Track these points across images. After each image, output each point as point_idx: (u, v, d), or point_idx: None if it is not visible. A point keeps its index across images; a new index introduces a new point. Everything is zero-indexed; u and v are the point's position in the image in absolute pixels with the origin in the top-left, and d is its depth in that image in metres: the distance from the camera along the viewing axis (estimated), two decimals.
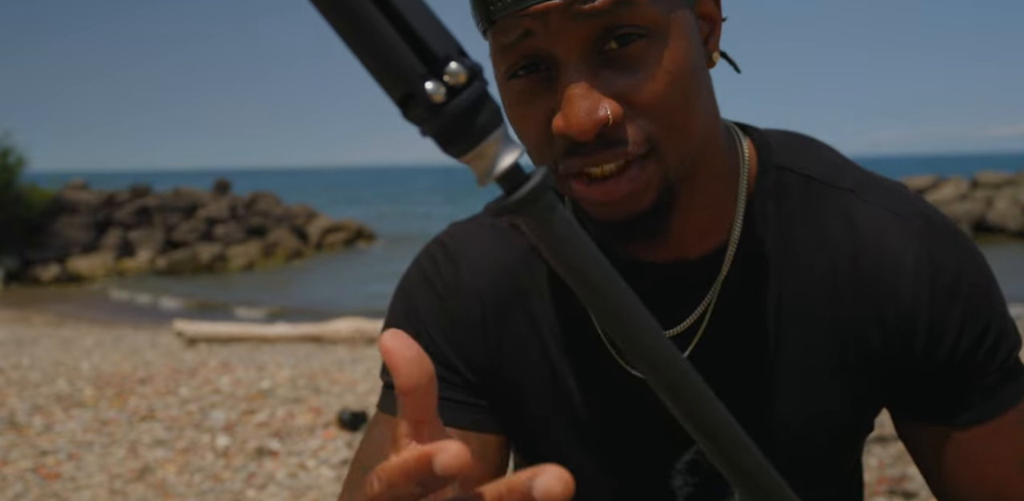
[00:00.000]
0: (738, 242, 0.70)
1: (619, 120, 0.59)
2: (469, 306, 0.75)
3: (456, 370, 0.75)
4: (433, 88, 0.31)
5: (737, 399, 0.72)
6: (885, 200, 0.71)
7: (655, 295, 0.72)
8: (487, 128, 0.32)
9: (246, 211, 18.07)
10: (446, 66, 0.31)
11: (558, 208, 0.33)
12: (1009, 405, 0.70)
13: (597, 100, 0.58)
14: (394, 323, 0.78)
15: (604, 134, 0.59)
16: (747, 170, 0.72)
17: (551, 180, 0.33)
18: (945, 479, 0.73)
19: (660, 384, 0.36)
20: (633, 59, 0.59)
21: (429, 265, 0.78)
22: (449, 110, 0.31)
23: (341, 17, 0.31)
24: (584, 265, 0.33)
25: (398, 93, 0.32)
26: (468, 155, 0.32)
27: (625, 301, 0.34)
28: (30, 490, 3.41)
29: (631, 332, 0.35)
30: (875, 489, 3.14)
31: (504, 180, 0.33)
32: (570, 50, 0.58)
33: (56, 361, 5.81)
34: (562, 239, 0.33)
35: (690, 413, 0.36)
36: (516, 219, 0.33)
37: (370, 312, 8.13)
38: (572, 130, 0.58)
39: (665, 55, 0.59)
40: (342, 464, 3.66)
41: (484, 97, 0.32)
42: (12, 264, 14.56)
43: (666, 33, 0.59)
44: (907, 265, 0.69)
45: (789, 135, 0.77)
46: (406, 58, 0.31)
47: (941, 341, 0.69)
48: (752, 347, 0.71)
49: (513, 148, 0.33)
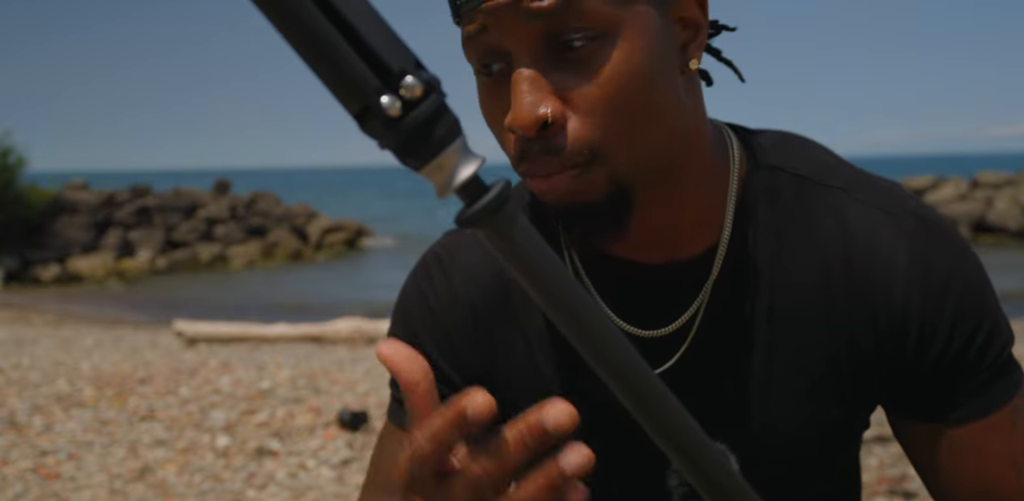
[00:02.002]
0: (728, 243, 0.70)
1: (559, 121, 0.58)
2: (460, 317, 0.77)
3: (451, 380, 0.77)
4: (388, 102, 0.31)
5: (729, 400, 0.73)
6: (878, 199, 0.71)
7: (647, 296, 0.72)
8: (444, 140, 0.32)
9: (246, 211, 18.07)
10: (401, 80, 0.31)
11: (518, 219, 0.33)
12: (1001, 402, 0.70)
13: (541, 97, 0.58)
14: (394, 333, 0.80)
15: (545, 138, 0.59)
16: (737, 171, 0.72)
17: (510, 191, 0.33)
18: (939, 477, 0.73)
19: (622, 391, 0.36)
20: (582, 61, 0.58)
21: (423, 277, 0.79)
22: (405, 124, 0.31)
23: (296, 33, 0.31)
24: (543, 276, 0.33)
25: (354, 107, 0.32)
26: (426, 168, 0.32)
27: (586, 311, 0.34)
28: (30, 490, 3.41)
29: (592, 340, 0.35)
30: (875, 489, 3.14)
31: (463, 192, 0.33)
32: (520, 47, 0.58)
33: (56, 361, 5.81)
34: (522, 250, 0.33)
35: (652, 419, 0.36)
36: (476, 230, 0.33)
37: (370, 312, 8.13)
38: (515, 124, 0.58)
39: (615, 56, 0.58)
40: (342, 464, 3.66)
41: (441, 109, 0.32)
42: (12, 264, 14.56)
43: (623, 35, 0.58)
44: (899, 264, 0.69)
45: (781, 135, 0.77)
46: (361, 73, 0.31)
47: (932, 340, 0.69)
48: (744, 348, 0.71)
49: (472, 159, 0.33)
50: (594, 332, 0.34)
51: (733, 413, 0.73)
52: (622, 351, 0.35)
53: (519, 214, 0.33)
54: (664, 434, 0.37)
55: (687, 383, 0.72)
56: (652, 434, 0.37)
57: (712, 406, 0.73)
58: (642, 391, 0.36)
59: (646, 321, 0.73)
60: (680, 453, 0.37)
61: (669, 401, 0.37)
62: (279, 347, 6.69)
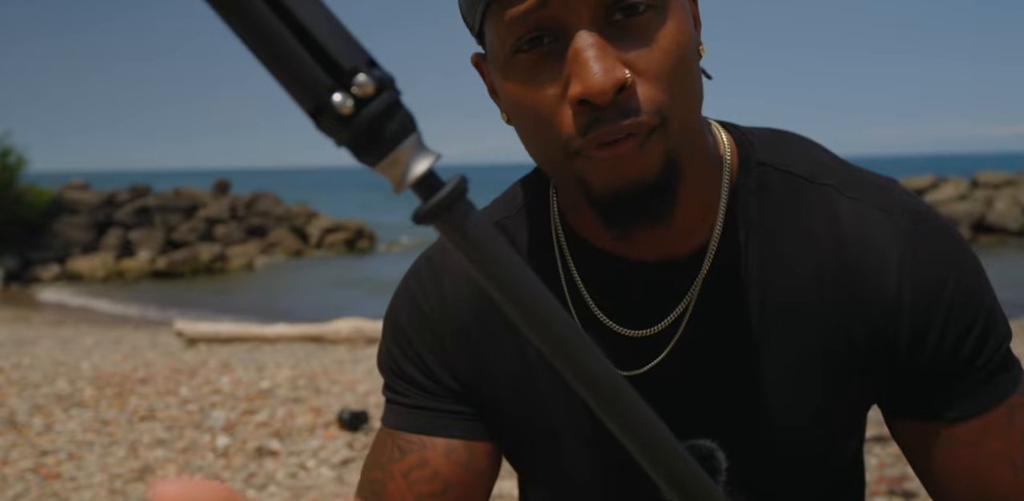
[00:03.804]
0: (719, 240, 0.70)
1: (632, 85, 0.59)
2: (451, 320, 0.77)
3: (443, 382, 0.77)
4: (340, 100, 0.31)
5: (719, 399, 0.72)
6: (871, 196, 0.71)
7: (641, 294, 0.72)
8: (398, 137, 0.32)
9: (246, 211, 18.07)
10: (353, 78, 0.32)
11: (472, 215, 0.33)
12: (998, 400, 0.69)
13: (613, 61, 0.58)
14: (385, 338, 0.81)
15: (618, 102, 0.59)
16: (729, 168, 0.72)
17: (466, 186, 0.33)
18: (936, 476, 0.72)
19: (583, 389, 0.35)
20: (640, 29, 0.60)
21: (415, 282, 0.80)
22: (357, 121, 0.32)
23: (247, 33, 0.31)
24: (500, 272, 0.33)
25: (308, 106, 0.32)
26: (381, 164, 0.33)
27: (545, 308, 0.34)
28: (30, 490, 3.41)
29: (551, 338, 0.34)
30: (875, 489, 3.14)
31: (418, 187, 0.33)
32: (582, 17, 0.59)
33: (56, 361, 5.81)
34: (477, 246, 0.33)
35: (614, 415, 0.36)
36: (432, 227, 0.33)
37: (370, 312, 8.12)
38: (592, 90, 0.57)
39: (670, 28, 0.60)
40: (342, 464, 3.66)
41: (394, 107, 0.32)
42: (12, 264, 14.56)
43: (670, 9, 0.61)
44: (891, 261, 0.68)
45: (773, 132, 0.77)
46: (312, 71, 0.31)
47: (926, 337, 0.68)
48: (734, 346, 0.71)
49: (427, 155, 0.33)
50: (556, 329, 0.34)
51: (723, 412, 0.73)
52: (585, 350, 0.35)
53: (474, 210, 0.33)
54: (622, 430, 0.36)
55: (674, 382, 0.72)
56: (615, 430, 0.36)
57: (701, 405, 0.73)
58: (605, 387, 0.35)
59: (638, 319, 0.73)
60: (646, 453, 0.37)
61: (637, 400, 0.36)
62: (279, 347, 6.69)
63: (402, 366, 0.78)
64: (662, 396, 0.72)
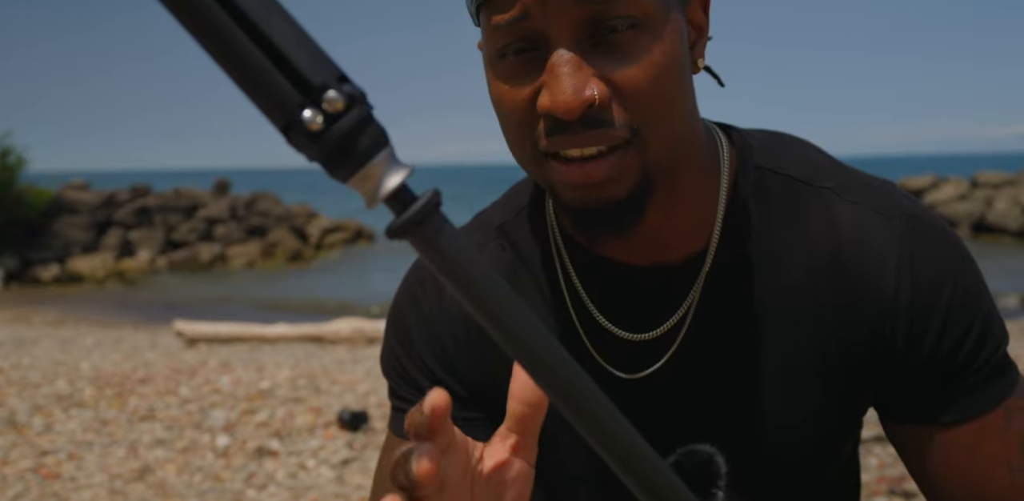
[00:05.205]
0: (718, 243, 0.70)
1: (605, 102, 0.59)
2: (453, 324, 0.77)
3: (448, 387, 0.77)
4: (310, 117, 0.31)
5: (718, 402, 0.72)
6: (869, 199, 0.71)
7: (639, 299, 0.72)
8: (369, 152, 0.32)
9: (246, 211, 18.06)
10: (323, 94, 0.32)
11: (445, 229, 0.33)
12: (994, 404, 0.69)
13: (585, 79, 0.59)
14: (389, 340, 0.80)
15: (588, 115, 0.59)
16: (727, 171, 0.72)
17: (439, 200, 0.33)
18: (932, 479, 0.72)
19: (559, 402, 0.35)
20: (623, 47, 0.60)
21: (416, 285, 0.80)
22: (327, 137, 0.32)
23: (217, 50, 0.31)
24: (474, 287, 0.33)
25: (278, 122, 0.32)
26: (353, 179, 0.33)
27: (520, 323, 0.34)
28: (30, 490, 3.41)
29: (526, 354, 0.34)
30: (875, 489, 3.14)
31: (391, 202, 0.33)
32: (563, 31, 0.59)
33: (56, 361, 5.80)
34: (451, 261, 0.33)
35: (589, 426, 0.36)
36: (405, 241, 0.33)
37: (370, 312, 8.13)
38: (558, 107, 0.58)
39: (655, 47, 0.60)
40: (342, 464, 3.66)
41: (365, 121, 0.32)
42: (12, 264, 14.55)
43: (659, 28, 0.60)
44: (889, 264, 0.68)
45: (772, 135, 0.77)
46: (282, 88, 0.32)
47: (923, 339, 0.68)
48: (735, 348, 0.71)
49: (399, 169, 0.33)
50: (526, 344, 0.34)
51: (723, 415, 0.73)
52: (560, 359, 0.35)
53: (446, 224, 0.33)
54: (602, 441, 0.36)
55: (675, 385, 0.72)
56: (591, 441, 0.36)
57: (701, 408, 0.73)
58: (580, 398, 0.35)
59: (639, 323, 0.73)
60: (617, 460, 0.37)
61: (609, 408, 0.36)
62: (279, 347, 6.69)
63: (406, 368, 0.78)
64: (663, 400, 0.72)
